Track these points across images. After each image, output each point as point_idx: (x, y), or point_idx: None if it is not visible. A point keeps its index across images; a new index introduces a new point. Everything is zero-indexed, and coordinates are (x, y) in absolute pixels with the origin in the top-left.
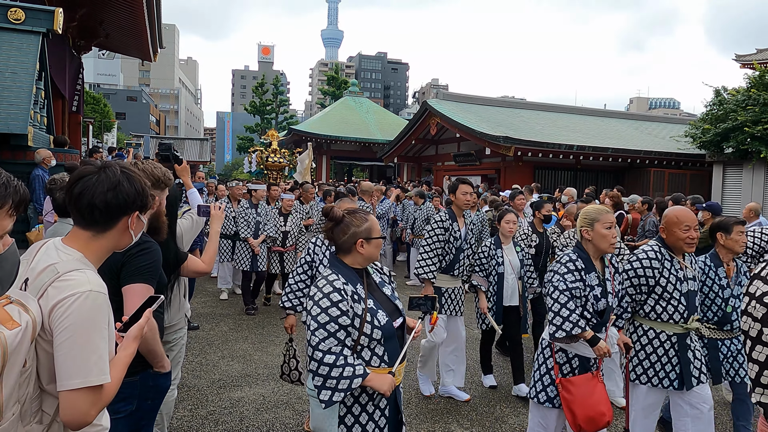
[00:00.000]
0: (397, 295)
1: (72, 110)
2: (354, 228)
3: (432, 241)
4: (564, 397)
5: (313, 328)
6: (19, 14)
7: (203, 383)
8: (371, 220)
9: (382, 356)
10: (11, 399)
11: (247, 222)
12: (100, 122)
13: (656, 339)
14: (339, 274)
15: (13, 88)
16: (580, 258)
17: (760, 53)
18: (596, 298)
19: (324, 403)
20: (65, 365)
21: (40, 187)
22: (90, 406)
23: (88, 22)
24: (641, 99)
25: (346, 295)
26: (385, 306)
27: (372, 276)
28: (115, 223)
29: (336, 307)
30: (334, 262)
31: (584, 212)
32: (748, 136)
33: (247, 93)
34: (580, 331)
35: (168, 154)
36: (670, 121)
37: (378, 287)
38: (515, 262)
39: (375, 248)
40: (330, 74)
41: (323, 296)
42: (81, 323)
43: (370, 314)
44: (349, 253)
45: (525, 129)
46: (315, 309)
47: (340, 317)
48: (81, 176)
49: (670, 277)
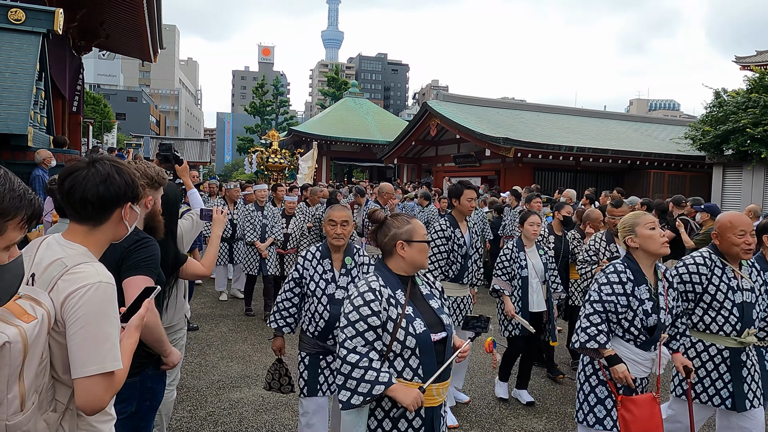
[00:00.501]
0: (446, 312)
1: (72, 110)
2: (394, 230)
3: (431, 253)
4: (623, 417)
5: (343, 325)
6: (20, 15)
7: (202, 384)
8: (414, 224)
9: (415, 369)
10: (31, 389)
11: (253, 225)
12: (100, 123)
13: (705, 352)
14: (380, 277)
15: (13, 89)
16: (630, 269)
17: (759, 55)
18: (646, 314)
19: (342, 404)
20: (80, 353)
21: (40, 187)
22: (104, 392)
23: (89, 23)
24: (641, 100)
25: (380, 297)
26: (426, 316)
27: (419, 286)
28: (109, 215)
29: (368, 306)
30: (378, 266)
31: (622, 222)
32: (748, 138)
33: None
34: (596, 346)
35: (168, 154)
36: (670, 123)
37: (423, 297)
38: (539, 265)
39: (418, 252)
40: (330, 75)
41: (358, 294)
42: (93, 313)
43: (406, 320)
44: (391, 257)
45: (525, 130)
46: (348, 306)
47: (370, 317)
48: (71, 172)
49: (720, 285)
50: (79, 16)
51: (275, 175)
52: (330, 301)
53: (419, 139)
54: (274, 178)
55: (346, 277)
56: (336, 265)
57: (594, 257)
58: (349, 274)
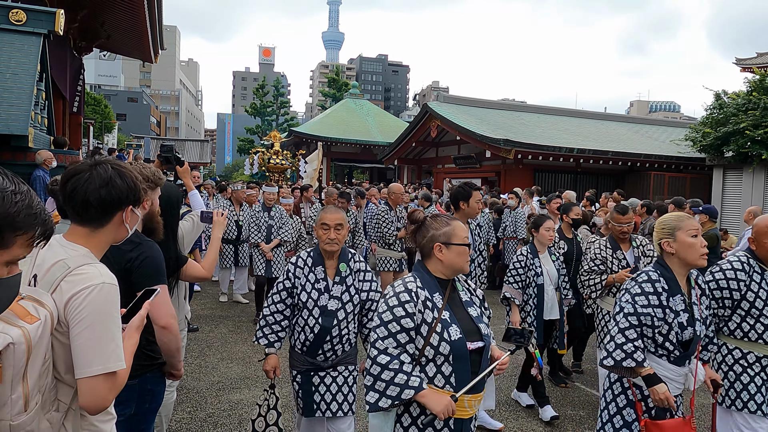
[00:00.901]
0: (486, 321)
1: (72, 111)
2: (432, 231)
3: None
4: None
5: (375, 325)
6: (21, 15)
7: (202, 385)
8: (454, 225)
9: (448, 377)
10: (34, 389)
11: (259, 226)
12: (101, 123)
13: (743, 359)
14: (417, 278)
15: (14, 90)
16: (663, 277)
17: (760, 57)
18: (681, 327)
19: (369, 405)
20: (84, 353)
21: (40, 188)
22: (108, 391)
23: (90, 24)
24: (641, 102)
25: (416, 298)
26: (463, 323)
27: (459, 292)
28: (110, 218)
29: (402, 306)
30: (418, 267)
31: (661, 222)
32: (748, 140)
33: (247, 95)
34: (633, 364)
35: (170, 155)
36: (671, 125)
37: (462, 304)
38: (552, 271)
39: (456, 256)
40: (331, 76)
41: (393, 295)
42: (97, 313)
43: (441, 325)
44: (430, 259)
45: (525, 132)
46: (382, 306)
47: (404, 318)
48: (73, 174)
49: (759, 291)
50: (80, 17)
51: (276, 176)
52: (322, 313)
53: (420, 141)
54: (275, 180)
55: (340, 286)
56: (330, 272)
57: (601, 266)
58: (344, 283)
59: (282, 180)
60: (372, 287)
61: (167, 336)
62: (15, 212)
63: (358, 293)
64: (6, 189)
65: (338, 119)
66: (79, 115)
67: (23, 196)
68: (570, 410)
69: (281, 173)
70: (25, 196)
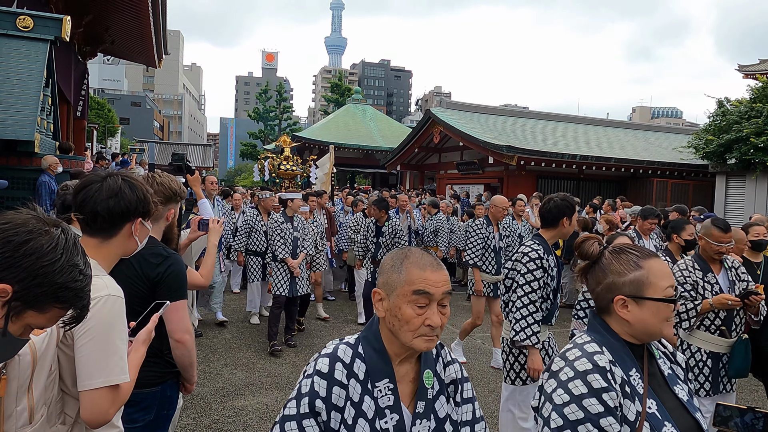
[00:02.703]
0: (696, 404)
1: (77, 115)
2: (612, 276)
3: (530, 289)
4: None
5: (555, 427)
6: (28, 22)
7: (207, 391)
8: (648, 268)
9: None
10: (40, 402)
11: (284, 239)
12: (104, 127)
13: None
14: (603, 345)
15: (21, 95)
16: None
17: (762, 63)
18: None
19: None
20: (87, 366)
21: (46, 193)
22: (110, 405)
23: (94, 29)
24: (644, 108)
25: (613, 383)
26: (677, 418)
27: (656, 361)
28: (118, 229)
29: (598, 398)
30: (594, 324)
31: None
32: (751, 147)
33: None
34: None
35: (181, 164)
36: (673, 131)
37: (665, 382)
38: None
39: (653, 315)
40: (333, 81)
41: (575, 374)
42: (101, 326)
43: (651, 426)
44: (610, 316)
45: (528, 138)
46: (561, 395)
47: (603, 417)
48: (84, 186)
49: None
50: (85, 22)
51: (287, 182)
52: None
53: (422, 146)
54: (285, 186)
55: (426, 423)
56: (404, 393)
57: (692, 292)
58: (431, 410)
59: (293, 186)
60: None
61: (181, 350)
62: (68, 286)
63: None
64: (76, 265)
65: (341, 124)
66: (83, 119)
67: (84, 279)
68: None
69: (292, 179)
70: (86, 280)
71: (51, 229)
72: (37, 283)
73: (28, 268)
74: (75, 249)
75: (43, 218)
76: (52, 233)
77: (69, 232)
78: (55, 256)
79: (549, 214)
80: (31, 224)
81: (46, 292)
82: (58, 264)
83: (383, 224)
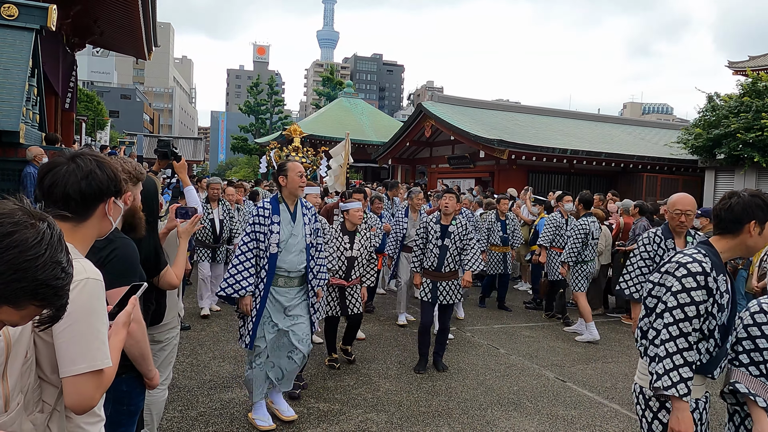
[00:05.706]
0: None
1: (65, 108)
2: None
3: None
4: None
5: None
6: (13, 10)
7: (194, 384)
8: None
9: None
10: (15, 389)
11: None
12: (94, 120)
13: None
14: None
15: (6, 85)
16: None
17: (752, 60)
18: None
19: None
20: (69, 352)
21: (31, 184)
22: (95, 390)
23: (83, 20)
24: (635, 104)
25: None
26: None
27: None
28: (92, 211)
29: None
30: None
31: None
32: (740, 143)
33: (241, 93)
34: None
35: (167, 150)
36: (664, 127)
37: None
38: None
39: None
40: (325, 75)
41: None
42: (81, 310)
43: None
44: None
45: (519, 132)
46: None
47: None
48: (51, 168)
49: None
50: (73, 13)
51: None
52: None
53: (414, 140)
54: None
55: None
56: None
57: None
58: None
59: None
60: None
61: (128, 340)
62: (49, 284)
63: None
64: (59, 263)
65: (333, 118)
66: (72, 111)
67: (66, 278)
68: (561, 410)
69: None
70: (67, 279)
71: (37, 223)
72: (18, 277)
73: (9, 261)
74: (60, 246)
75: (30, 211)
76: (38, 227)
77: (55, 228)
78: (39, 251)
79: (729, 214)
80: (17, 216)
81: (25, 288)
82: (41, 260)
83: (449, 223)
